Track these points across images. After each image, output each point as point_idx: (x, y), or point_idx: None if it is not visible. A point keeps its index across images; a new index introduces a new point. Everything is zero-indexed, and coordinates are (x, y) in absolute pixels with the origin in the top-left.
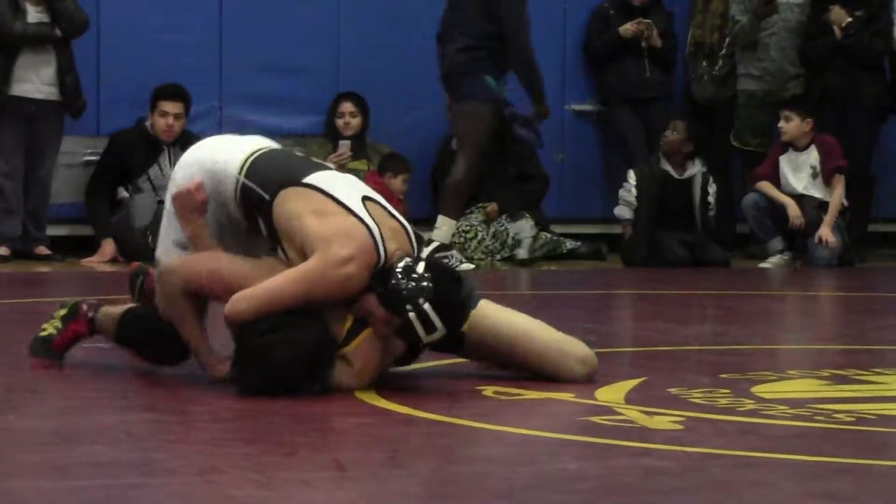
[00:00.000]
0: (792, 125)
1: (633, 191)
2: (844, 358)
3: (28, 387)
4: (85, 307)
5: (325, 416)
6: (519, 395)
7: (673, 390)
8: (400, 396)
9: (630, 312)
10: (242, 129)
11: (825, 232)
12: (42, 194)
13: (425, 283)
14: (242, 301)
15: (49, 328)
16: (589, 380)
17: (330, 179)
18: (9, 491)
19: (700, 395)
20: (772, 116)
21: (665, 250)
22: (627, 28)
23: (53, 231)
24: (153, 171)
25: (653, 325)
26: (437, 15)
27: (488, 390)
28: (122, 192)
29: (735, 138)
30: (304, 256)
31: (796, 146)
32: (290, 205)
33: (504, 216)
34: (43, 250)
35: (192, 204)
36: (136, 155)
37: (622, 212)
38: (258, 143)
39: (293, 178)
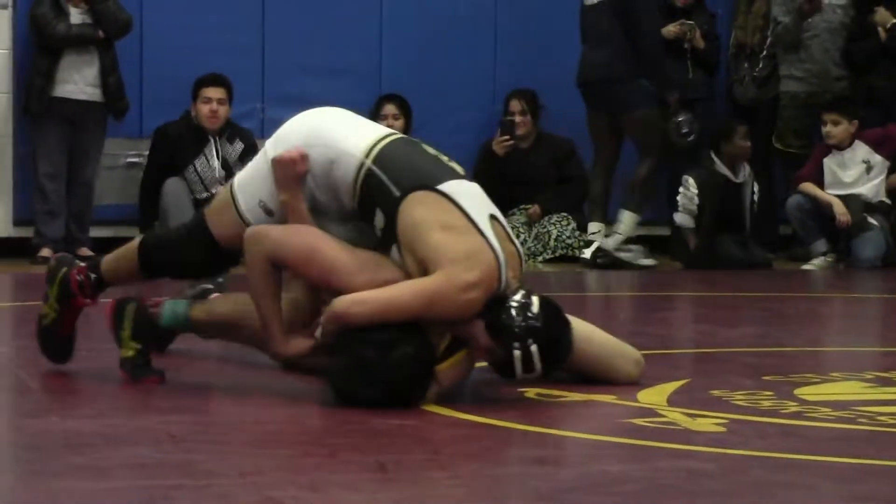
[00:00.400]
0: (840, 129)
1: (696, 199)
2: (888, 360)
3: (70, 388)
4: (78, 277)
5: (366, 418)
6: (562, 397)
7: (716, 392)
8: (442, 398)
9: (673, 314)
10: None
11: None
12: (86, 196)
13: (538, 325)
14: (360, 304)
15: (49, 312)
16: (634, 382)
17: (462, 190)
18: (51, 491)
19: (743, 397)
20: (815, 118)
21: (722, 252)
22: (670, 29)
23: (96, 233)
24: (199, 162)
25: (696, 327)
26: (478, 15)
27: (531, 392)
28: None
29: (778, 140)
30: (421, 265)
31: (840, 146)
32: (420, 210)
33: (546, 218)
34: (85, 251)
35: (293, 173)
36: (182, 146)
37: (684, 220)
38: (382, 129)
39: (427, 182)
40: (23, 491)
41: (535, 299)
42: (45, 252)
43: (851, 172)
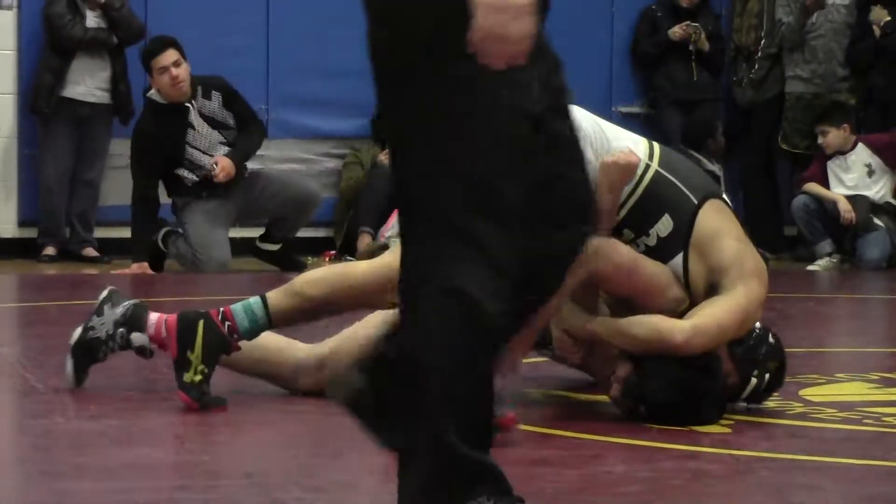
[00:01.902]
0: (830, 137)
1: None
2: (893, 361)
3: (75, 389)
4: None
5: None
6: (566, 396)
7: None
8: None
9: None
10: (289, 131)
11: None
12: (91, 196)
13: (776, 356)
14: (701, 336)
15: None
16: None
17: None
18: (56, 492)
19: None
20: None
21: None
22: (675, 31)
23: (100, 234)
24: (190, 136)
25: None
26: None
27: (535, 392)
28: (186, 174)
29: (783, 141)
30: (711, 275)
31: (841, 151)
32: (715, 218)
33: None
34: (90, 252)
35: (628, 175)
36: (163, 132)
37: None
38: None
39: (715, 190)
40: (28, 491)
41: (765, 328)
42: (49, 251)
43: (853, 175)
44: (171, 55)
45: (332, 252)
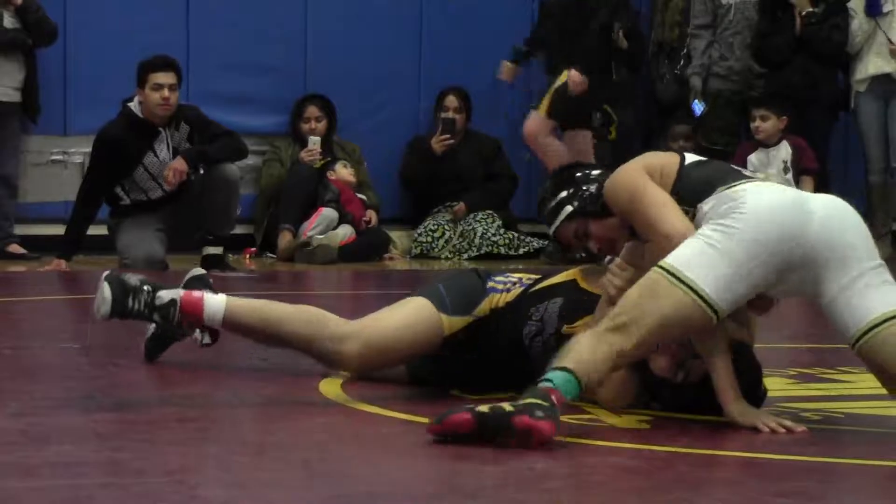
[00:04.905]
0: (769, 124)
1: None
2: (810, 356)
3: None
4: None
5: (293, 416)
6: (486, 393)
7: None
8: (368, 396)
9: None
10: None
11: None
12: (6, 193)
13: None
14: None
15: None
16: None
17: None
18: None
19: None
20: (739, 115)
21: None
22: None
23: (21, 230)
24: (148, 159)
25: None
26: (404, 13)
27: (455, 390)
28: (121, 194)
29: (703, 138)
30: None
31: (766, 143)
32: None
33: (472, 215)
34: (17, 248)
35: None
36: (127, 145)
37: None
38: None
39: None
40: None
41: None
42: None
43: (772, 171)
44: (171, 77)
45: (253, 249)
